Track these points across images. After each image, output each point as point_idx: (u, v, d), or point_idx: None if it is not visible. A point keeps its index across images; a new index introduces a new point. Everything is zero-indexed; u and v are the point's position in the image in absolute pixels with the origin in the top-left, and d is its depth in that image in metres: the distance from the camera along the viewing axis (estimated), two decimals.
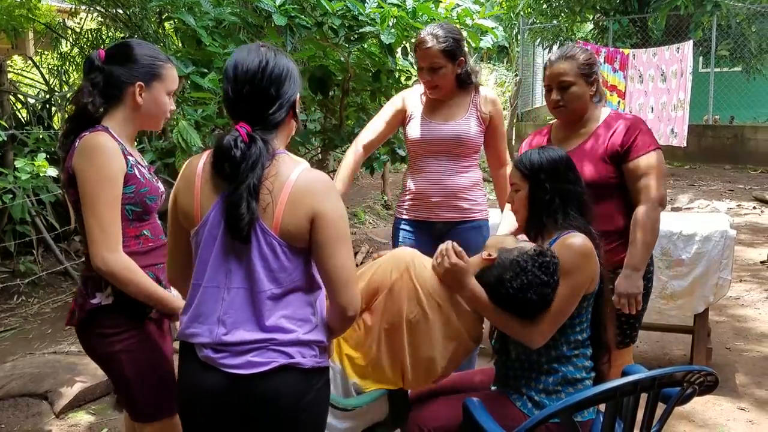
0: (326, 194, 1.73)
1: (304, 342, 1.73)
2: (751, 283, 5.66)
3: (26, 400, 3.56)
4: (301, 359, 1.72)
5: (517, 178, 2.33)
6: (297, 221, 1.69)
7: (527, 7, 14.40)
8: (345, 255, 1.74)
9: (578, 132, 2.72)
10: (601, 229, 2.47)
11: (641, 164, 2.59)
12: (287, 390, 1.71)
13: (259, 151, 1.67)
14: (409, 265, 2.16)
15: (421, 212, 3.13)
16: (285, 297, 1.73)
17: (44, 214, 5.66)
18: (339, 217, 1.74)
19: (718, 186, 10.43)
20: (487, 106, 3.11)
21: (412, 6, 4.25)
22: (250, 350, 1.69)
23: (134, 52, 2.12)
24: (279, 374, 1.69)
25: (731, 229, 3.69)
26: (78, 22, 8.85)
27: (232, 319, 1.70)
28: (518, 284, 2.06)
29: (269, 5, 3.99)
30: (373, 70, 4.67)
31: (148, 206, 2.15)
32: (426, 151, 3.10)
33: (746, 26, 12.89)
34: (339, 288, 1.74)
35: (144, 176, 2.14)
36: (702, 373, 1.94)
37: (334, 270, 1.73)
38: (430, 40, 2.91)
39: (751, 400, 3.58)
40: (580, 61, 2.63)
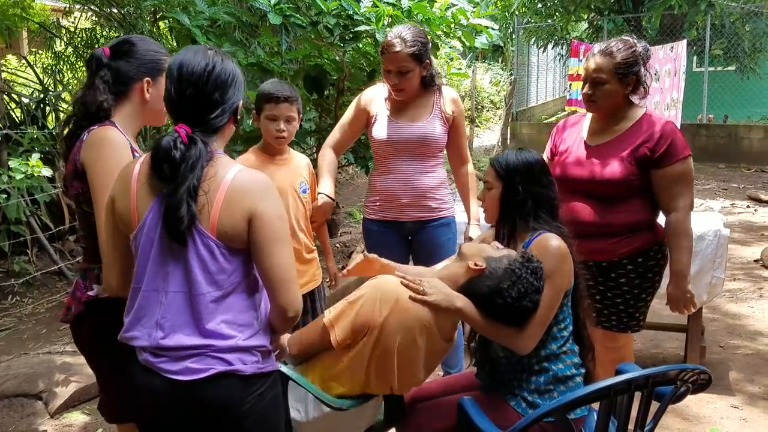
0: (263, 194, 1.71)
1: (244, 348, 1.71)
2: (745, 281, 5.69)
3: (21, 401, 3.55)
4: (241, 366, 1.70)
5: (491, 177, 2.36)
6: (233, 222, 1.67)
7: (522, 6, 14.42)
8: (284, 255, 1.72)
9: (611, 128, 2.73)
10: (614, 222, 2.63)
11: (673, 172, 2.62)
12: (226, 397, 1.70)
13: (199, 153, 1.66)
14: (399, 297, 2.10)
15: (391, 212, 3.18)
16: (225, 300, 1.71)
17: (38, 214, 5.64)
18: (276, 217, 1.72)
19: (712, 185, 10.47)
20: (450, 106, 3.16)
21: (407, 5, 4.25)
22: (188, 356, 1.67)
23: (138, 48, 2.13)
24: (217, 381, 1.68)
25: (725, 228, 3.70)
26: (72, 22, 8.83)
27: (170, 323, 1.69)
28: (516, 293, 2.07)
29: (264, 4, 3.99)
30: (368, 69, 4.68)
31: None
32: (393, 152, 3.13)
33: (740, 26, 12.94)
34: (278, 288, 1.72)
35: None
36: (695, 371, 1.95)
37: (272, 270, 1.71)
38: (398, 44, 2.91)
39: (744, 398, 3.60)
40: (617, 60, 2.61)
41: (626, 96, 2.69)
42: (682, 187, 2.63)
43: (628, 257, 2.69)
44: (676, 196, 2.62)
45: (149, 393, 1.73)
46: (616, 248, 2.68)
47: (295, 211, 2.95)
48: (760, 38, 13.17)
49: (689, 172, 2.65)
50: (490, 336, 2.21)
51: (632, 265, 2.70)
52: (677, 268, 2.64)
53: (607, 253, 2.68)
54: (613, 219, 2.66)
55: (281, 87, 2.90)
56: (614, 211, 2.67)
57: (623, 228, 2.67)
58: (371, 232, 3.25)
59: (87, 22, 8.34)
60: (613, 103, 2.68)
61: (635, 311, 2.77)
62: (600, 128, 2.76)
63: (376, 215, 3.23)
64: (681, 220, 2.62)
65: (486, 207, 2.41)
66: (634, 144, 2.64)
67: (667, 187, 2.63)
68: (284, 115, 2.86)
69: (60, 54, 8.15)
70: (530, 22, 15.08)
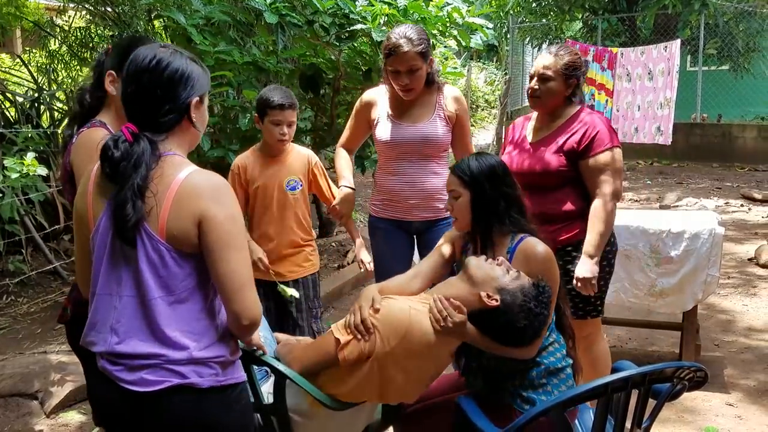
0: (214, 196, 1.64)
1: (199, 360, 1.65)
2: (739, 279, 5.71)
3: (16, 400, 3.55)
4: (197, 379, 1.64)
5: (456, 185, 2.37)
6: (182, 224, 1.61)
7: (517, 5, 14.43)
8: (237, 260, 1.65)
9: (549, 126, 2.97)
10: (549, 211, 2.83)
11: (596, 162, 2.83)
12: (181, 411, 1.64)
13: (142, 151, 1.61)
14: (409, 329, 2.07)
15: (398, 212, 3.18)
16: (179, 305, 1.65)
17: (33, 214, 5.62)
18: (229, 220, 1.65)
19: (706, 184, 10.50)
20: (452, 105, 3.15)
21: (403, 4, 4.25)
22: (143, 366, 1.62)
23: (131, 47, 2.05)
24: (172, 395, 1.62)
25: (719, 227, 3.71)
26: (66, 20, 8.80)
27: (124, 328, 1.64)
28: (531, 331, 2.08)
29: (260, 3, 3.99)
30: (364, 68, 4.68)
31: None
32: (396, 153, 3.14)
33: (734, 25, 12.98)
34: (231, 296, 1.65)
35: None
36: (692, 369, 1.97)
37: (225, 276, 1.63)
38: (405, 44, 2.92)
39: (739, 395, 3.61)
40: (564, 61, 2.87)
41: (566, 97, 2.92)
42: (606, 175, 2.82)
43: (572, 245, 2.86)
44: (600, 183, 2.82)
45: (106, 402, 1.69)
46: (555, 236, 2.81)
47: (281, 207, 3.18)
48: (753, 38, 13.22)
49: (614, 162, 2.84)
50: (492, 351, 2.18)
51: (576, 252, 2.84)
52: (585, 248, 2.80)
53: (547, 242, 2.72)
54: (549, 208, 2.85)
55: (284, 94, 3.10)
56: (549, 200, 2.87)
57: (559, 216, 2.86)
58: (377, 230, 3.25)
59: (81, 20, 8.31)
60: (555, 101, 2.91)
61: (590, 297, 2.89)
62: (540, 126, 3.01)
63: (382, 213, 3.23)
64: (599, 206, 2.81)
65: (456, 216, 2.42)
66: (565, 137, 2.88)
67: (591, 176, 2.85)
68: (287, 121, 3.10)
69: (54, 53, 8.11)
70: (525, 21, 15.09)
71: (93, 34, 7.72)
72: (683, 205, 8.71)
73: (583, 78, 2.98)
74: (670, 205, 8.70)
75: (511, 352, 2.15)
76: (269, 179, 3.17)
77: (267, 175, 3.18)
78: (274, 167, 3.20)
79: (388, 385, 2.11)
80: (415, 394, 2.20)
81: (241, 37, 4.91)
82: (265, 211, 3.20)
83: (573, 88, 2.91)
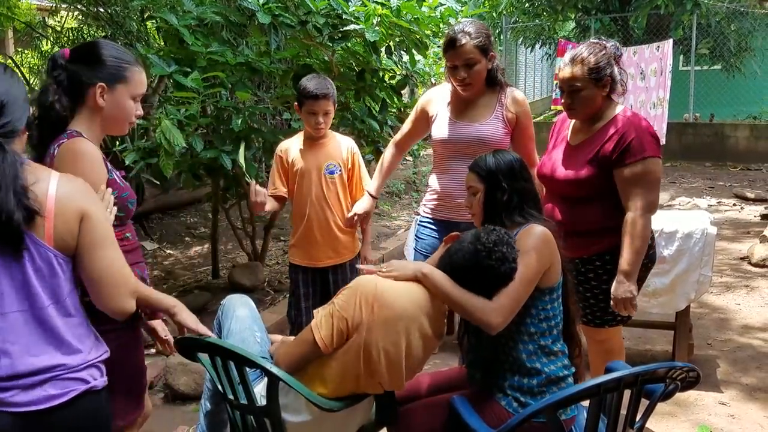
0: (90, 196, 1.71)
1: (91, 363, 1.69)
2: (732, 278, 5.74)
3: None
4: (95, 381, 1.68)
5: (473, 181, 2.39)
6: (69, 227, 1.63)
7: (509, 6, 14.46)
8: (113, 257, 1.72)
9: (590, 128, 2.80)
10: (579, 224, 2.72)
11: (630, 173, 2.65)
12: (88, 416, 1.66)
13: (12, 159, 1.58)
14: (378, 292, 2.11)
15: (446, 212, 3.16)
16: (66, 311, 1.66)
17: None
18: (104, 217, 1.75)
19: (699, 183, 10.54)
20: (514, 107, 3.07)
21: (396, 4, 4.26)
22: (43, 381, 1.59)
23: (100, 52, 2.05)
24: (77, 402, 1.63)
25: (712, 227, 3.73)
26: (58, 21, 8.76)
27: (15, 346, 1.58)
28: (499, 255, 2.10)
29: (253, 4, 3.98)
30: (357, 68, 4.68)
31: (129, 210, 2.17)
32: (450, 152, 3.11)
33: (726, 25, 13.03)
34: (109, 290, 1.71)
35: (123, 181, 2.14)
36: (684, 369, 1.97)
37: (102, 272, 1.69)
38: (462, 38, 2.90)
39: (732, 394, 3.63)
40: (590, 65, 2.66)
41: (605, 97, 2.74)
42: (640, 187, 2.64)
43: (598, 255, 2.77)
44: (633, 196, 2.65)
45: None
46: (587, 247, 2.76)
47: (318, 190, 3.33)
48: (745, 37, 13.28)
49: (649, 174, 2.65)
50: (460, 309, 2.17)
51: (600, 262, 2.77)
52: (622, 267, 2.66)
53: (577, 251, 2.72)
54: (579, 221, 2.74)
55: (320, 84, 3.23)
56: (580, 212, 2.75)
57: (590, 231, 2.74)
58: (423, 231, 3.25)
59: (73, 21, 8.28)
60: (592, 107, 2.74)
61: (607, 306, 2.80)
62: (580, 128, 2.85)
63: (431, 215, 3.22)
64: (633, 221, 2.64)
65: (474, 212, 2.43)
66: (601, 144, 2.70)
67: (624, 187, 2.67)
68: (322, 110, 3.25)
69: (47, 54, 8.07)
70: (518, 21, 15.12)
71: (86, 34, 7.69)
72: (676, 205, 8.74)
73: (618, 68, 2.73)
74: (663, 204, 8.72)
75: (478, 310, 2.11)
76: (309, 162, 3.34)
77: (307, 159, 3.34)
78: (315, 151, 3.36)
79: (373, 371, 2.10)
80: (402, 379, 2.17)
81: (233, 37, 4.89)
82: (304, 194, 3.35)
83: (609, 86, 2.71)
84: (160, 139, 3.83)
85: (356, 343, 2.09)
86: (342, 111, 4.75)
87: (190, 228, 7.51)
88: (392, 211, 8.71)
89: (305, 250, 3.43)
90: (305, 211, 3.36)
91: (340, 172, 3.38)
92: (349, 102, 4.75)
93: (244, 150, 3.40)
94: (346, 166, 3.41)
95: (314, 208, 3.35)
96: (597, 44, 2.73)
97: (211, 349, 2.15)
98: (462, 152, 3.04)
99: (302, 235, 3.40)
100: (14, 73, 1.73)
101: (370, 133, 4.82)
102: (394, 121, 5.15)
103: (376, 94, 4.84)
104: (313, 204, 3.34)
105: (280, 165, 3.40)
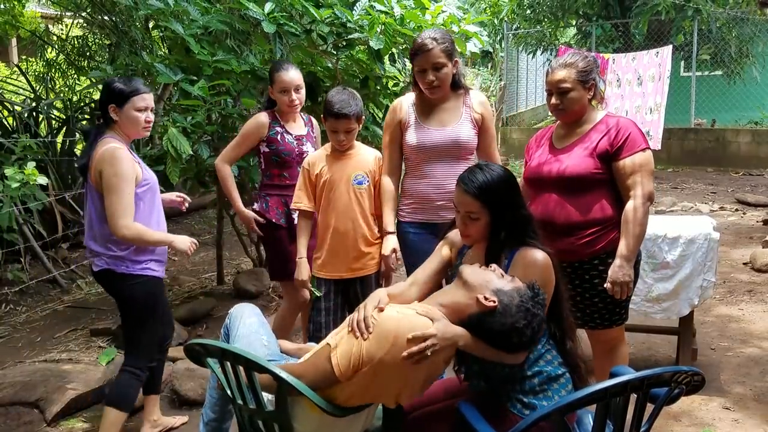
0: (107, 161, 2.88)
1: (111, 255, 3.00)
2: (735, 283, 5.75)
3: (17, 409, 3.55)
4: (113, 267, 3.01)
5: (473, 207, 2.35)
6: (95, 177, 2.93)
7: (511, 12, 14.50)
8: (113, 200, 2.88)
9: (575, 132, 2.93)
10: (577, 219, 2.80)
11: (629, 163, 2.80)
12: (108, 285, 3.09)
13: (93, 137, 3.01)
14: (397, 338, 2.06)
15: (426, 215, 3.24)
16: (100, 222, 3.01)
17: (32, 222, 5.64)
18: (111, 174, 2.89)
19: (701, 188, 10.56)
20: (480, 108, 3.25)
21: (399, 13, 4.29)
22: (93, 256, 3.08)
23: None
24: (102, 275, 3.06)
25: (715, 232, 3.74)
26: (62, 29, 8.81)
27: (89, 233, 3.05)
28: (531, 332, 2.09)
29: (258, 13, 4.02)
30: (361, 76, 4.71)
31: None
32: (424, 157, 3.20)
33: (726, 31, 13.05)
34: (109, 219, 2.92)
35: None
36: (689, 373, 1.99)
37: (107, 207, 2.92)
38: (430, 43, 3.06)
39: (735, 399, 3.64)
40: (578, 69, 2.83)
41: (589, 101, 2.90)
42: (640, 177, 2.78)
43: (598, 258, 2.83)
44: (634, 185, 2.78)
45: None
46: (583, 249, 2.81)
47: (346, 201, 3.29)
48: (746, 43, 13.28)
49: (648, 164, 2.82)
50: (486, 357, 2.19)
51: (603, 266, 2.82)
52: (621, 251, 2.76)
53: (575, 254, 2.81)
54: (577, 215, 2.81)
55: (343, 103, 3.19)
56: (578, 206, 2.82)
57: (588, 224, 2.81)
58: (407, 234, 3.29)
59: (78, 29, 8.33)
60: (580, 108, 2.88)
61: (614, 307, 2.89)
62: (565, 133, 2.97)
63: (410, 218, 3.29)
64: (634, 208, 2.76)
65: (471, 234, 2.41)
66: (596, 140, 2.84)
67: (624, 178, 2.80)
68: (343, 129, 3.23)
69: (52, 62, 8.12)
70: (519, 28, 15.16)
71: (90, 42, 7.74)
72: (678, 210, 8.76)
73: (599, 76, 2.94)
74: (665, 209, 8.74)
75: (504, 357, 2.16)
76: (336, 173, 3.30)
77: (334, 170, 3.30)
78: (342, 162, 3.32)
79: (383, 391, 2.13)
80: (411, 397, 2.21)
81: (238, 45, 4.94)
82: (332, 205, 3.31)
83: (593, 90, 2.88)
84: (167, 146, 3.86)
85: (368, 374, 2.07)
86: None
87: (195, 234, 7.53)
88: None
89: (331, 263, 3.35)
90: (333, 223, 3.31)
91: (368, 183, 3.33)
92: None
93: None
94: (374, 176, 3.35)
95: (342, 219, 3.29)
96: (582, 52, 2.98)
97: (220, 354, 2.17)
98: (436, 156, 3.18)
99: (329, 247, 3.33)
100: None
101: (374, 140, 4.85)
102: None
103: (380, 101, 4.88)
104: (340, 215, 3.29)
105: (307, 178, 3.36)
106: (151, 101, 3.06)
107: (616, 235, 2.81)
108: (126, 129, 3.02)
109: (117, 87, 2.99)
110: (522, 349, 2.16)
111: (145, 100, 3.02)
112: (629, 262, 2.76)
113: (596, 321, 2.91)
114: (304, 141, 3.76)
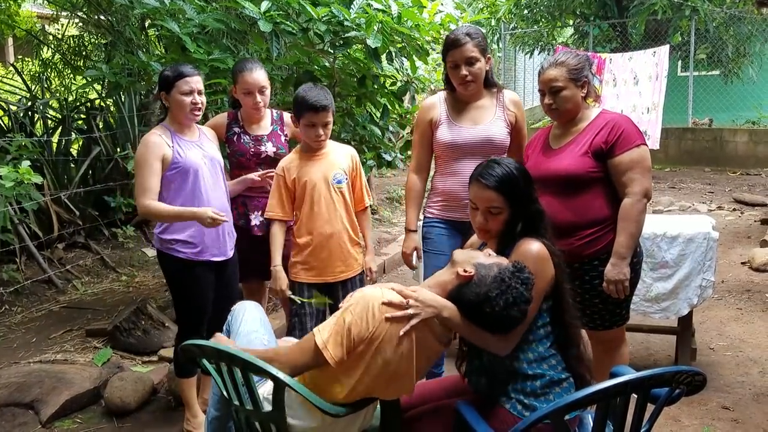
0: (140, 148, 3.05)
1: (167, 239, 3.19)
2: (733, 283, 5.74)
3: (12, 410, 3.52)
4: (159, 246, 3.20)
5: (496, 201, 2.33)
6: None
7: (508, 12, 14.50)
8: (137, 179, 3.06)
9: (570, 130, 2.90)
10: (575, 218, 2.76)
11: (624, 160, 2.76)
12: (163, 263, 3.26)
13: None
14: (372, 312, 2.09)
15: (454, 212, 3.20)
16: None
17: (27, 222, 5.61)
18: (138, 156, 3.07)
19: (699, 188, 10.56)
20: (513, 108, 3.21)
21: (397, 11, 4.27)
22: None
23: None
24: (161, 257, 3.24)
25: (714, 232, 3.73)
26: (58, 29, 8.77)
27: None
28: (504, 302, 2.06)
29: (254, 12, 3.99)
30: (358, 75, 4.69)
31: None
32: (455, 155, 3.16)
33: (723, 30, 13.06)
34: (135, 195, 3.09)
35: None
36: (690, 373, 1.97)
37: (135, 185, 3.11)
38: (463, 38, 3.04)
39: (735, 399, 3.63)
40: (569, 67, 2.80)
41: (583, 100, 2.88)
42: (636, 173, 2.75)
43: (598, 258, 2.79)
44: (630, 182, 2.74)
45: None
46: (583, 249, 2.78)
47: (329, 201, 3.22)
48: (743, 43, 13.30)
49: (643, 160, 2.77)
50: (472, 340, 2.22)
51: (603, 267, 2.79)
52: (617, 249, 2.73)
53: (573, 256, 2.75)
54: (575, 215, 2.78)
55: (319, 95, 3.12)
56: (575, 206, 2.79)
57: (587, 223, 2.78)
58: (433, 230, 3.26)
59: (74, 28, 8.29)
60: (573, 106, 2.85)
61: (615, 308, 2.87)
62: (561, 133, 2.94)
63: (438, 215, 3.25)
64: (630, 204, 2.73)
65: (491, 228, 2.38)
66: (591, 138, 2.79)
67: (620, 175, 2.76)
68: (322, 122, 3.14)
69: (47, 61, 8.09)
70: (517, 28, 15.16)
71: (86, 42, 7.70)
72: (676, 210, 8.76)
73: (592, 73, 2.93)
74: (663, 209, 8.74)
75: (488, 340, 2.14)
76: (314, 174, 3.21)
77: (312, 171, 3.22)
78: (317, 163, 3.24)
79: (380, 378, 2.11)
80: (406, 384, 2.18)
81: (235, 44, 4.91)
82: (313, 207, 3.22)
83: (586, 87, 2.85)
84: None
85: (362, 354, 2.08)
86: (343, 117, 4.76)
87: None
88: (392, 217, 8.72)
89: (313, 266, 3.26)
90: (317, 225, 3.21)
91: (347, 181, 3.27)
92: (350, 108, 4.76)
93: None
94: (351, 173, 3.31)
95: (328, 220, 3.22)
96: (573, 50, 2.90)
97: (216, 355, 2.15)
98: (467, 154, 3.13)
99: (311, 250, 3.23)
100: None
101: (372, 139, 4.83)
102: (395, 126, 5.16)
103: (377, 100, 4.86)
104: (323, 216, 3.21)
105: (282, 185, 3.24)
106: (196, 84, 3.08)
107: (613, 235, 2.78)
108: (176, 115, 3.10)
109: (164, 74, 3.09)
110: (499, 326, 2.12)
111: (189, 83, 3.05)
112: (624, 260, 2.72)
113: (597, 322, 2.89)
114: (263, 141, 3.54)
